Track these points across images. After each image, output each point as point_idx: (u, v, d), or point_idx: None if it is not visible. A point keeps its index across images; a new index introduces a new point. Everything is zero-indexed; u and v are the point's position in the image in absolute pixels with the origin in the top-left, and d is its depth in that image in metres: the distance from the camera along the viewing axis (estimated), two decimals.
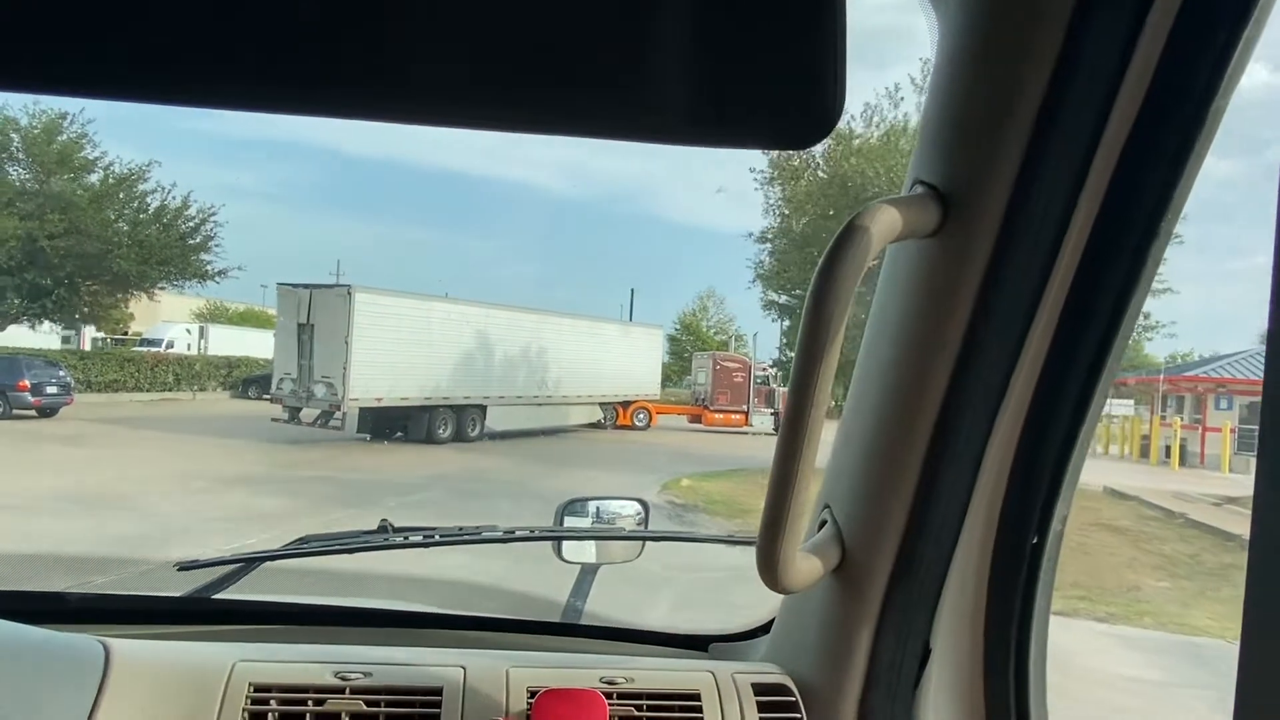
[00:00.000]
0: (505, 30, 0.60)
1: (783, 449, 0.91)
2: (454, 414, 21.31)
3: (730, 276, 55.00)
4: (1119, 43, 0.83)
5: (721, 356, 29.91)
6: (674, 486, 14.32)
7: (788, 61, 0.64)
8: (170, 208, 25.35)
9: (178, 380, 27.67)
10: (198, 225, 25.76)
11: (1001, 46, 0.89)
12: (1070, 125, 0.87)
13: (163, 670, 1.22)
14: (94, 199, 23.72)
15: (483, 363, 22.60)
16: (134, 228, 24.43)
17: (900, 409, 1.05)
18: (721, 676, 1.33)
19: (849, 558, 1.12)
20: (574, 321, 25.78)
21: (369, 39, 0.58)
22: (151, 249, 24.40)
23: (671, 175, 69.34)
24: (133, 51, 0.57)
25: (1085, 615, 7.79)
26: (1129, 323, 0.96)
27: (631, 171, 66.46)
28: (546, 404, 24.26)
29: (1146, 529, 12.24)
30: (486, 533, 1.87)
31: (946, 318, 0.98)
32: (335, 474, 14.62)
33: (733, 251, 64.41)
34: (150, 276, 24.89)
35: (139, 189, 25.33)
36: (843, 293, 0.85)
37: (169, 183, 25.34)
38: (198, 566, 1.66)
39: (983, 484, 1.05)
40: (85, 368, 25.07)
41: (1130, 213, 0.90)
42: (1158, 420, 21.54)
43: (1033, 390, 1.00)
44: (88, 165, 24.40)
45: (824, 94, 0.64)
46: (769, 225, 21.24)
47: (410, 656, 1.33)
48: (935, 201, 0.94)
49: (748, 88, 0.64)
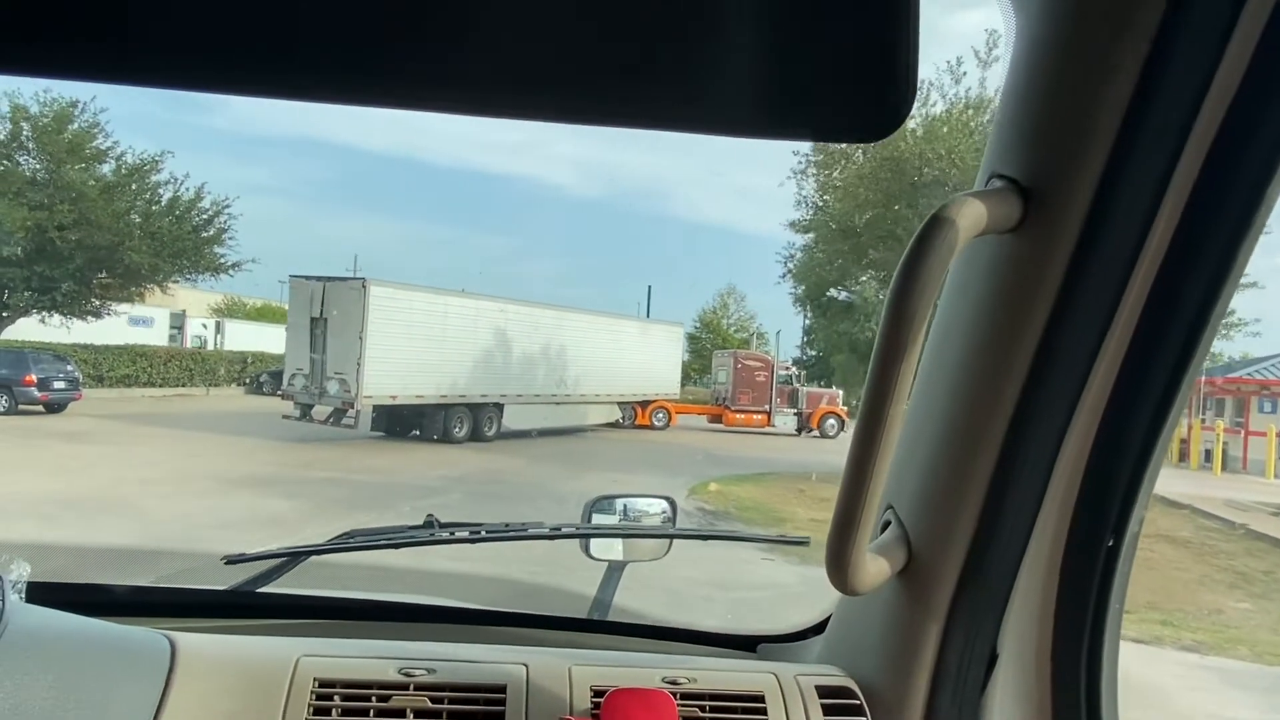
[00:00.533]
0: (561, 19, 0.60)
1: (858, 449, 0.89)
2: (470, 413, 21.00)
3: (749, 274, 54.49)
4: (1212, 36, 0.80)
5: (743, 355, 29.57)
6: (702, 491, 14.00)
7: (860, 53, 0.64)
8: (183, 200, 24.67)
9: (191, 375, 26.96)
10: (211, 218, 25.42)
11: (1088, 41, 0.87)
12: (1157, 124, 0.85)
13: (228, 664, 1.22)
14: (105, 190, 23.43)
15: (500, 360, 22.26)
16: (146, 219, 24.01)
17: (972, 409, 1.03)
18: (784, 678, 1.33)
19: (915, 559, 1.11)
20: (592, 318, 25.52)
21: (412, 25, 0.58)
22: (164, 241, 24.12)
23: (691, 172, 69.84)
24: (164, 37, 0.57)
25: (1170, 644, 7.30)
26: (1213, 325, 0.93)
27: (651, 168, 66.33)
28: (564, 403, 24.05)
29: (1209, 541, 11.85)
30: (532, 529, 1.88)
31: (1024, 316, 0.97)
32: (346, 475, 14.31)
33: (752, 250, 63.62)
34: (163, 269, 24.51)
35: (152, 180, 24.97)
36: (927, 289, 0.84)
37: (182, 174, 24.69)
38: (244, 560, 1.67)
39: (1055, 485, 1.03)
40: (97, 362, 24.85)
41: (1216, 214, 0.88)
42: (1198, 423, 20.97)
43: (1110, 390, 0.98)
44: (99, 155, 24.10)
45: (895, 86, 0.64)
46: (801, 218, 20.13)
47: (470, 653, 1.33)
48: (1017, 195, 0.92)
49: (818, 80, 0.64)
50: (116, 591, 1.57)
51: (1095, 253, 0.92)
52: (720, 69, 0.62)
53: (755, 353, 30.58)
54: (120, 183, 24.24)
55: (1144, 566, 9.53)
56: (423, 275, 70.80)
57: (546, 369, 23.43)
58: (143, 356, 26.32)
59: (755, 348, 32.59)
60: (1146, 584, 8.85)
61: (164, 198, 25.01)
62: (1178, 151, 0.86)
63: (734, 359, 28.91)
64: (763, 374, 28.30)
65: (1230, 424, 20.69)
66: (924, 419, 1.11)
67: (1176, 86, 0.83)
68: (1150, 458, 1.00)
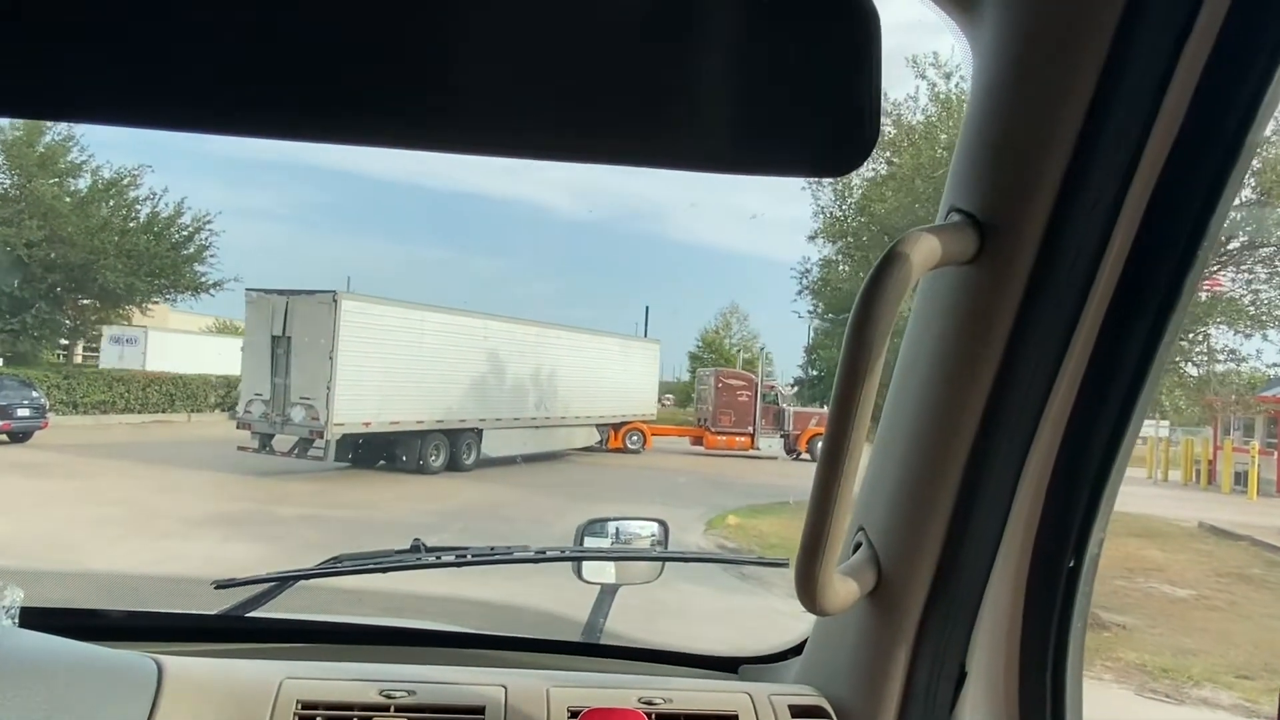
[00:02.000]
0: (547, 62, 0.65)
1: (823, 473, 0.94)
2: (447, 440, 19.37)
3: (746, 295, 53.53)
4: (1156, 72, 0.87)
5: (725, 373, 28.27)
6: (720, 525, 13.27)
7: (826, 92, 0.69)
8: (162, 216, 23.31)
9: (172, 400, 25.46)
10: (191, 234, 23.95)
11: (1038, 76, 0.93)
12: (1107, 154, 0.91)
13: (213, 687, 1.27)
14: (78, 205, 22.00)
15: (479, 381, 20.78)
16: (122, 236, 22.48)
17: (936, 434, 1.09)
18: (759, 698, 1.37)
19: (885, 580, 1.16)
20: (573, 335, 24.17)
21: (409, 70, 0.63)
22: (140, 259, 22.51)
23: (685, 195, 68.98)
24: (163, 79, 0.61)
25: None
26: (1165, 349, 0.99)
27: (646, 191, 66.19)
28: (544, 426, 22.76)
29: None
30: (518, 553, 1.93)
31: (983, 344, 1.02)
32: (322, 512, 13.22)
33: (748, 270, 63.54)
34: (139, 289, 22.90)
35: (130, 195, 23.44)
36: (884, 319, 0.89)
37: (160, 188, 23.42)
38: (234, 585, 1.72)
39: (1019, 508, 1.09)
40: (70, 387, 23.81)
41: (1165, 242, 0.93)
42: (1229, 444, 20.38)
43: (1069, 415, 1.04)
44: (73, 169, 22.92)
45: (860, 122, 0.70)
46: (820, 229, 18.42)
47: (451, 675, 1.37)
48: (972, 229, 0.98)
49: (787, 118, 0.69)
50: (109, 616, 1.61)
51: (1049, 283, 0.97)
52: (691, 109, 0.68)
53: (738, 371, 29.37)
54: (94, 198, 22.94)
55: (1232, 613, 8.97)
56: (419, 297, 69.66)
57: (527, 390, 22.17)
58: (120, 381, 25.33)
59: (759, 367, 30.67)
60: (1248, 637, 8.23)
61: (142, 213, 23.59)
62: (1126, 184, 0.92)
63: (715, 378, 27.58)
64: (745, 394, 26.88)
65: (1263, 445, 19.94)
66: (892, 443, 1.16)
67: (1122, 124, 0.90)
68: (1108, 480, 1.06)
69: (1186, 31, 0.84)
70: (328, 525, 12.12)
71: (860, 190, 17.71)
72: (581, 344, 24.15)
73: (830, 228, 19.11)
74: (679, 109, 0.67)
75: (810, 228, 19.72)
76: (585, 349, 24.20)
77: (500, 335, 21.32)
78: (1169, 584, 10.47)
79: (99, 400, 24.72)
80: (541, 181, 64.44)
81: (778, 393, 27.39)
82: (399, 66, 0.62)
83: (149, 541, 10.52)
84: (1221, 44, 0.84)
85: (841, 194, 18.75)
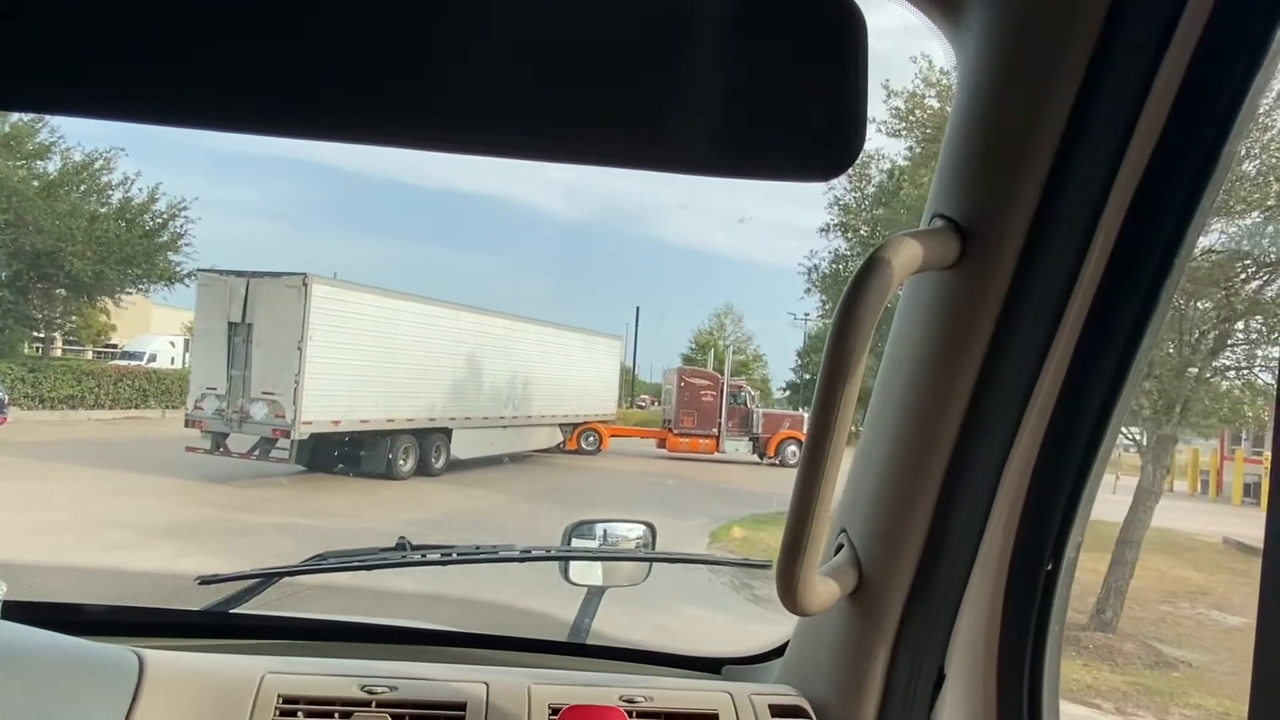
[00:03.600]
0: (538, 65, 0.67)
1: (804, 475, 0.97)
2: (415, 440, 17.88)
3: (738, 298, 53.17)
4: (1136, 81, 0.89)
5: (687, 372, 26.81)
6: (724, 537, 12.63)
7: (813, 97, 0.71)
8: (135, 202, 21.99)
9: (145, 396, 24.19)
10: (166, 221, 22.67)
11: (1020, 84, 0.96)
12: (1087, 163, 0.94)
13: (194, 681, 1.29)
14: (46, 188, 20.58)
15: (450, 377, 19.29)
16: (92, 222, 21.25)
17: (917, 437, 1.12)
18: (739, 698, 1.39)
19: (865, 581, 1.18)
20: (539, 329, 23.01)
21: (405, 70, 0.65)
22: (111, 247, 21.20)
23: (676, 197, 68.42)
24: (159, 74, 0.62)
25: None
26: (1143, 356, 1.01)
27: (637, 192, 65.75)
28: (512, 426, 21.49)
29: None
30: (503, 551, 1.97)
31: (964, 348, 1.04)
32: (294, 520, 12.18)
33: (741, 274, 62.76)
34: (109, 277, 21.67)
35: (102, 180, 22.26)
36: (865, 324, 0.91)
37: (134, 172, 22.21)
38: (218, 580, 1.74)
39: (998, 511, 1.11)
40: (36, 381, 22.65)
41: (1144, 249, 0.96)
42: (1239, 454, 19.71)
43: (1048, 420, 1.06)
44: (41, 151, 21.62)
45: (847, 128, 0.71)
46: (832, 221, 17.26)
47: (434, 672, 1.40)
48: (954, 235, 1.00)
49: (774, 122, 0.71)
50: (91, 610, 1.63)
51: (1029, 289, 1.00)
52: (680, 113, 0.70)
53: (702, 369, 27.74)
54: (64, 181, 21.67)
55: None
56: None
57: (496, 388, 20.84)
58: (89, 375, 24.28)
59: (753, 371, 29.20)
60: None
61: (114, 199, 22.39)
62: (1106, 192, 0.94)
63: (677, 376, 26.15)
64: (710, 393, 25.36)
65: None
66: (875, 446, 1.19)
67: (1102, 132, 0.92)
68: (1085, 485, 1.08)
69: (1167, 40, 0.87)
70: (300, 534, 11.19)
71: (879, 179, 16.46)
72: (546, 338, 23.05)
73: (847, 219, 17.89)
74: (668, 112, 0.69)
75: (805, 226, 18.53)
76: (550, 344, 23.11)
77: (472, 328, 20.09)
78: (1218, 610, 9.90)
79: (67, 395, 23.78)
80: (534, 181, 63.97)
81: (746, 393, 26.07)
82: (398, 65, 0.64)
83: (93, 554, 9.60)
84: (1201, 54, 0.87)
85: (859, 184, 17.59)
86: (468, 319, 19.96)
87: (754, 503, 15.47)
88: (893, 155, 16.69)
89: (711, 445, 24.90)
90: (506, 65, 0.65)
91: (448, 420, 18.76)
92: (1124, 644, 8.14)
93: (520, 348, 21.45)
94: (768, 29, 0.68)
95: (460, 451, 19.00)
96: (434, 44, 0.63)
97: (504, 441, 20.81)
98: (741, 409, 25.29)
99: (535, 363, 21.90)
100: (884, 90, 12.50)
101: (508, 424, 21.00)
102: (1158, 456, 8.96)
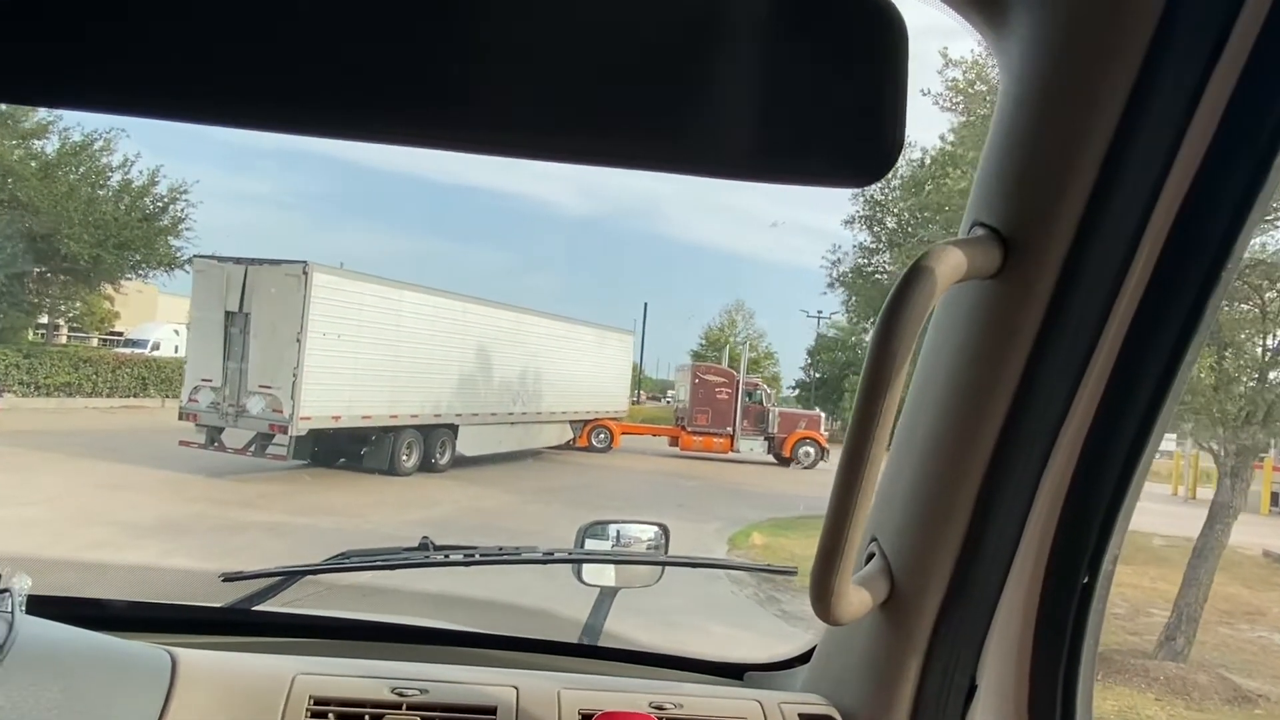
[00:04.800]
0: (568, 64, 0.66)
1: (842, 483, 0.97)
2: (420, 436, 17.47)
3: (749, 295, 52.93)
4: (1186, 89, 0.88)
5: (702, 368, 26.43)
6: (743, 543, 12.22)
7: (851, 102, 0.69)
8: (135, 185, 21.36)
9: (144, 384, 23.59)
10: (166, 205, 22.04)
11: (1067, 93, 0.95)
12: (1133, 173, 0.93)
13: (226, 680, 1.30)
14: (44, 169, 20.02)
15: (457, 371, 18.85)
16: (89, 205, 20.53)
17: (953, 446, 1.12)
18: (769, 706, 1.40)
19: (897, 591, 1.19)
20: (550, 323, 22.73)
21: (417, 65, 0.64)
22: (108, 230, 20.48)
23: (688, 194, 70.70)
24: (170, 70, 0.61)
25: None
26: (1185, 369, 1.01)
27: (647, 188, 65.53)
28: (521, 422, 21.15)
29: None
30: (526, 553, 1.95)
31: (1004, 358, 1.05)
32: (288, 519, 11.56)
33: (753, 272, 63.82)
34: (106, 261, 20.98)
35: (102, 161, 21.59)
36: (908, 332, 0.92)
37: (134, 153, 21.52)
38: (242, 578, 1.74)
39: (1034, 523, 1.11)
40: (31, 367, 22.20)
41: (1189, 262, 0.95)
42: (1269, 462, 19.10)
43: (1087, 431, 1.06)
44: (40, 130, 21.17)
45: (885, 133, 0.70)
46: (858, 213, 16.56)
47: (462, 675, 1.41)
48: (997, 244, 1.00)
49: (810, 126, 0.70)
50: (115, 606, 1.64)
51: (1071, 300, 1.00)
52: (713, 115, 0.68)
53: (717, 366, 27.29)
54: (62, 162, 21.04)
55: None
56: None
57: (505, 383, 20.58)
58: (86, 362, 23.98)
59: (765, 369, 28.48)
60: None
61: (113, 180, 21.69)
62: (1151, 204, 0.94)
63: (691, 373, 25.81)
64: (725, 391, 24.88)
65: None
66: (908, 455, 1.19)
67: (1149, 143, 0.91)
68: (1124, 498, 1.08)
69: (1218, 51, 0.86)
70: (296, 536, 10.72)
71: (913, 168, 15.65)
72: (558, 333, 22.72)
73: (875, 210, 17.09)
74: (701, 115, 0.68)
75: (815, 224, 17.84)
76: (562, 338, 22.80)
77: (479, 320, 19.71)
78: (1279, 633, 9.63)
79: (63, 382, 23.39)
80: (543, 175, 63.93)
81: (762, 391, 25.56)
82: (415, 61, 0.63)
83: (71, 552, 8.99)
84: (1252, 66, 0.86)
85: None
86: (476, 311, 19.63)
87: (775, 505, 15.09)
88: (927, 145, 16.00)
89: (726, 444, 24.46)
90: (533, 64, 0.64)
91: (454, 416, 18.41)
92: (1197, 675, 7.61)
93: (530, 342, 21.11)
94: (805, 31, 0.68)
95: (467, 448, 18.69)
96: (459, 42, 0.62)
97: (512, 439, 20.47)
98: (757, 407, 24.79)
99: (545, 357, 21.56)
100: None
101: (516, 420, 20.62)
102: (1238, 469, 8.28)
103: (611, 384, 24.78)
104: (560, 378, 21.82)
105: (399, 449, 16.62)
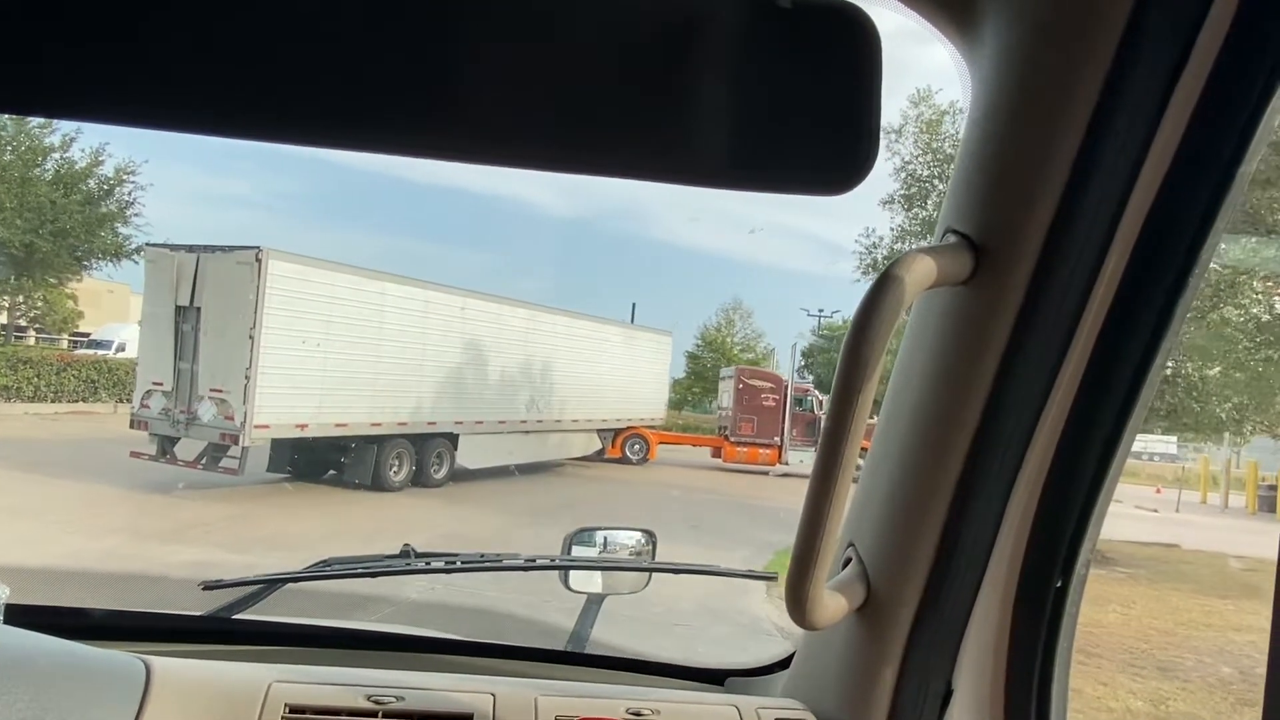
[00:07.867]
0: (550, 76, 0.68)
1: (815, 489, 1.00)
2: (412, 447, 15.96)
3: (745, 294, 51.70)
4: (1153, 99, 0.92)
5: (748, 372, 24.67)
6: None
7: (826, 111, 0.72)
8: (78, 167, 18.82)
9: (94, 388, 21.13)
10: (112, 188, 19.29)
11: (1036, 100, 0.99)
12: (1102, 181, 0.96)
13: (201, 688, 1.33)
14: None
15: (455, 374, 17.15)
16: (22, 186, 17.98)
17: (928, 451, 1.15)
18: (746, 711, 1.42)
19: (874, 596, 1.22)
20: (571, 321, 21.09)
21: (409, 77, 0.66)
22: (43, 214, 17.83)
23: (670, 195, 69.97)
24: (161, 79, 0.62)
25: None
26: (1155, 373, 1.04)
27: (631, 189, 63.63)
28: (535, 431, 19.42)
29: None
30: (507, 560, 1.98)
31: (976, 364, 1.07)
32: (220, 557, 9.78)
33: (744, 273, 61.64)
34: (40, 249, 18.41)
35: (44, 142, 19.35)
36: (878, 340, 0.94)
37: (74, 130, 19.22)
38: (222, 586, 1.76)
39: (1008, 527, 1.15)
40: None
41: (1158, 268, 0.99)
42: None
43: (1059, 437, 1.10)
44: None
45: (860, 141, 0.72)
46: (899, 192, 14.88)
47: (439, 682, 1.43)
48: (968, 251, 1.03)
49: (787, 135, 0.72)
50: (94, 615, 1.66)
51: (1042, 306, 1.03)
52: (693, 125, 0.71)
53: (764, 370, 26.03)
54: None
55: None
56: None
57: (514, 387, 18.91)
58: (26, 364, 22.31)
59: (794, 366, 26.91)
60: None
61: (49, 161, 19.09)
62: (1120, 210, 0.96)
63: (736, 378, 23.98)
64: (771, 398, 23.10)
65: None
66: (884, 460, 1.23)
67: (1117, 150, 0.94)
68: (1097, 501, 1.11)
69: (1185, 58, 0.89)
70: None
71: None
72: (579, 332, 21.07)
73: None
74: (679, 125, 0.70)
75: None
76: (582, 338, 21.27)
77: (481, 317, 18.10)
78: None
79: (1, 386, 20.15)
80: (528, 177, 62.39)
81: (812, 398, 23.75)
82: (406, 73, 0.65)
83: None
84: (1217, 73, 0.89)
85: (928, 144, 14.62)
86: (476, 306, 18.06)
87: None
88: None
89: (773, 456, 22.55)
90: (516, 75, 0.66)
91: (451, 425, 16.89)
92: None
93: (544, 341, 19.40)
94: (781, 41, 0.69)
95: (468, 460, 17.18)
96: (445, 55, 0.64)
97: (526, 449, 18.65)
98: (807, 415, 22.83)
99: (563, 359, 19.81)
100: None
101: (530, 429, 18.88)
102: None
103: (645, 388, 22.94)
104: (582, 382, 20.12)
105: (385, 461, 15.21)
